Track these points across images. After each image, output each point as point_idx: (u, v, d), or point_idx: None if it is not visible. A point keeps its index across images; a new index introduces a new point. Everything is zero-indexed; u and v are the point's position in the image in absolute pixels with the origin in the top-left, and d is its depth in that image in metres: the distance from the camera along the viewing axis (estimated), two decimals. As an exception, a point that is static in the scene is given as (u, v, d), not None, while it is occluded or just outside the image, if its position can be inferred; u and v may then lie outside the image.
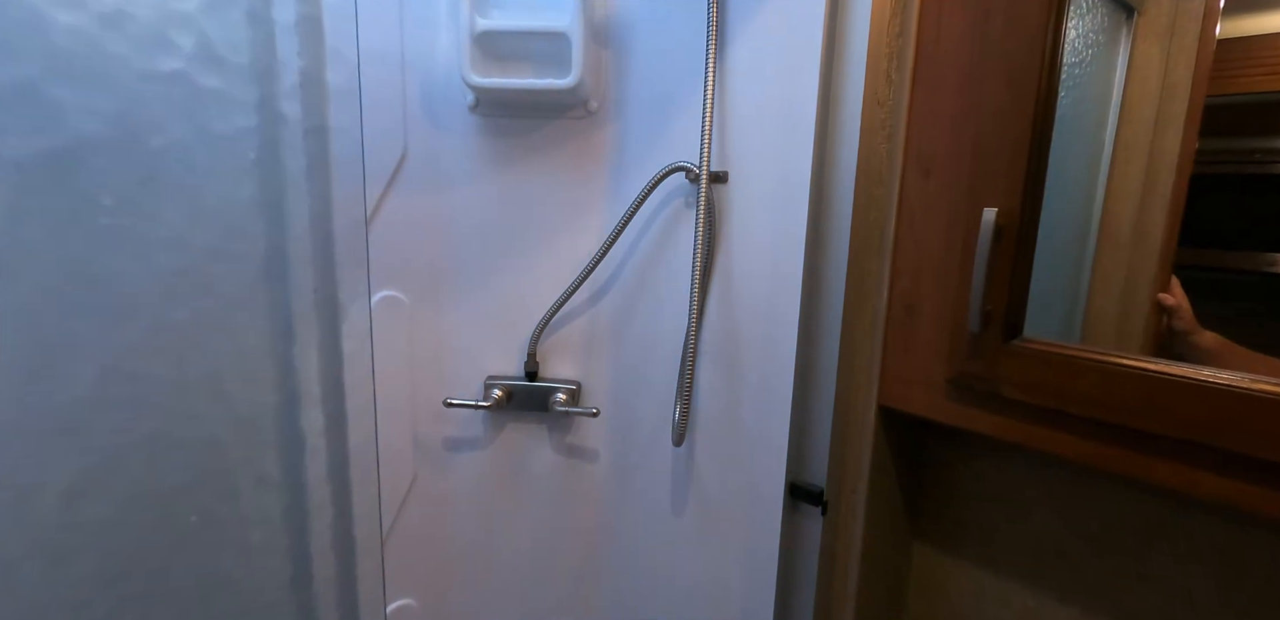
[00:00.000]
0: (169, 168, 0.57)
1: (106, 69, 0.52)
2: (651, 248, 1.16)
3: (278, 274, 0.63)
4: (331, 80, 0.64)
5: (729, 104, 1.02)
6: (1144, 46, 0.80)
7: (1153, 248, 0.81)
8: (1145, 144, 0.81)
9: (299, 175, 0.64)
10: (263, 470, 0.66)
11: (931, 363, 0.86)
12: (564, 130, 1.17)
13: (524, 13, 1.11)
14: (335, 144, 0.64)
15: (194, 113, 0.57)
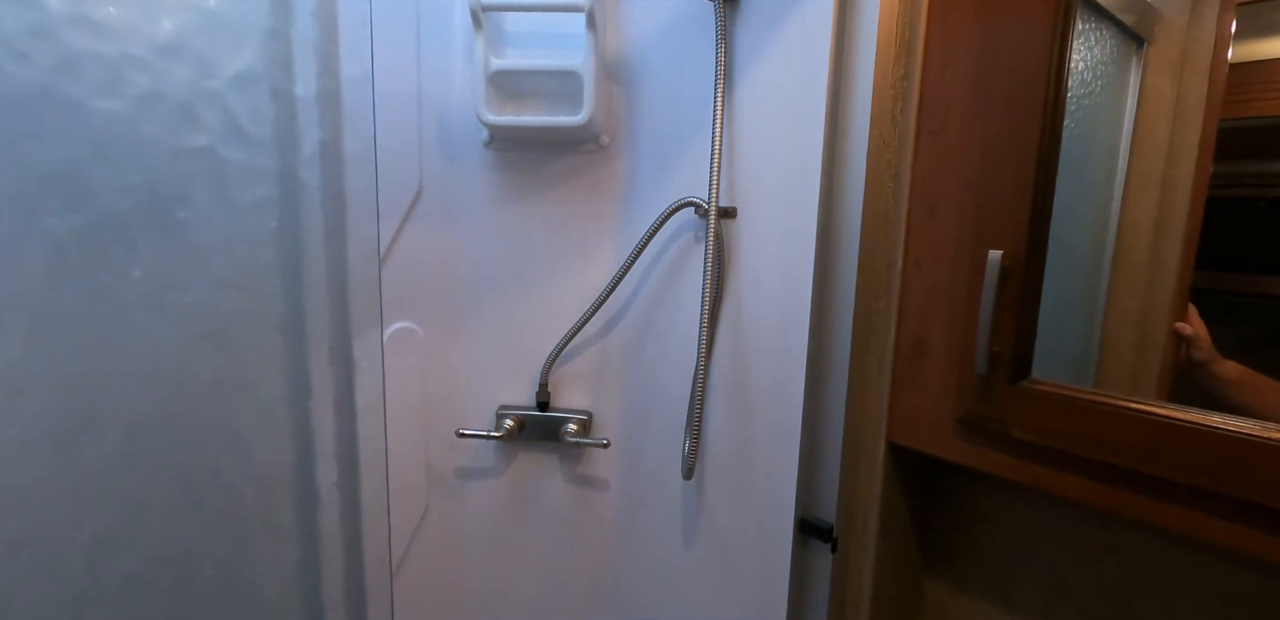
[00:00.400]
0: (196, 239, 0.59)
1: (139, 148, 0.55)
2: (661, 281, 1.16)
3: (295, 332, 0.65)
4: (349, 148, 0.67)
5: (737, 140, 1.03)
6: (1155, 76, 0.80)
7: (1168, 276, 0.80)
8: (1158, 172, 0.80)
9: (317, 240, 0.66)
10: (278, 522, 0.67)
11: (940, 401, 0.86)
12: (576, 164, 1.19)
13: (536, 52, 1.13)
14: (351, 207, 0.66)
15: (219, 185, 0.59)
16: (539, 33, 1.13)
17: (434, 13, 1.13)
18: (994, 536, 0.98)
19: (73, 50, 0.51)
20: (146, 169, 0.56)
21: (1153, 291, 0.81)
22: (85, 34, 0.52)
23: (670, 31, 1.09)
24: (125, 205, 0.55)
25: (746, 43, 1.00)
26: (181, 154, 0.57)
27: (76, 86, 0.51)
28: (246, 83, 0.60)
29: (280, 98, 0.63)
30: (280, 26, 0.63)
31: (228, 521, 0.64)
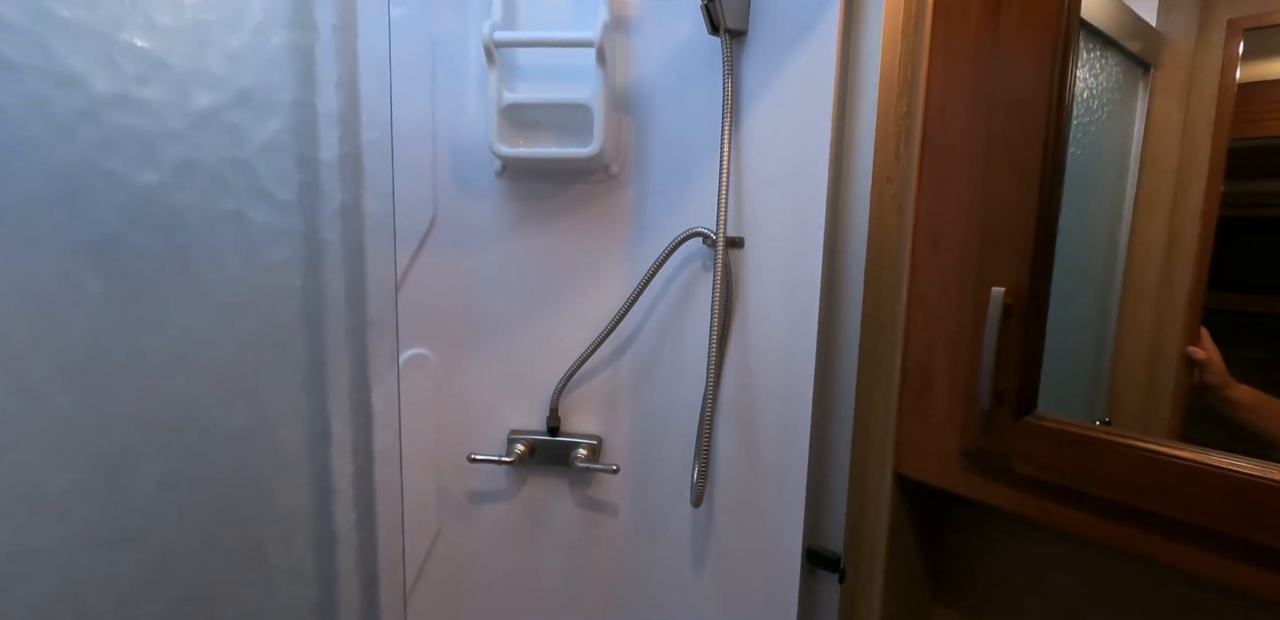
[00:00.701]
0: (225, 297, 0.62)
1: (174, 214, 0.58)
2: (670, 309, 1.17)
3: (316, 384, 0.68)
4: (368, 207, 0.70)
5: (744, 172, 1.05)
6: (1162, 100, 0.80)
7: (1180, 299, 0.80)
8: (1168, 195, 0.80)
9: (338, 294, 0.69)
10: (298, 564, 0.69)
11: (946, 433, 0.86)
12: (586, 193, 1.21)
13: (548, 85, 1.16)
14: (370, 260, 0.69)
15: (248, 246, 0.62)
16: (550, 66, 1.15)
17: (449, 48, 1.16)
18: (1004, 568, 0.97)
19: (115, 127, 0.54)
20: (180, 233, 0.59)
21: (1164, 314, 0.81)
22: (127, 112, 0.55)
23: (678, 65, 1.11)
24: (160, 267, 0.58)
25: (753, 77, 1.01)
26: (213, 218, 0.60)
27: (117, 160, 0.54)
28: (274, 150, 0.64)
29: (305, 163, 0.66)
30: (306, 97, 0.66)
31: (250, 565, 0.66)
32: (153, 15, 0.56)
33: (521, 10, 1.15)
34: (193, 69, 0.59)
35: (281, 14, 0.64)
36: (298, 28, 0.65)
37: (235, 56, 0.61)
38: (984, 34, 0.78)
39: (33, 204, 0.51)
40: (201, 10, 0.60)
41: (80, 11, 0.52)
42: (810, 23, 0.92)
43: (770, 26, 0.98)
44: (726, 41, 1.00)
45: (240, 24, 0.62)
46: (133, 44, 0.56)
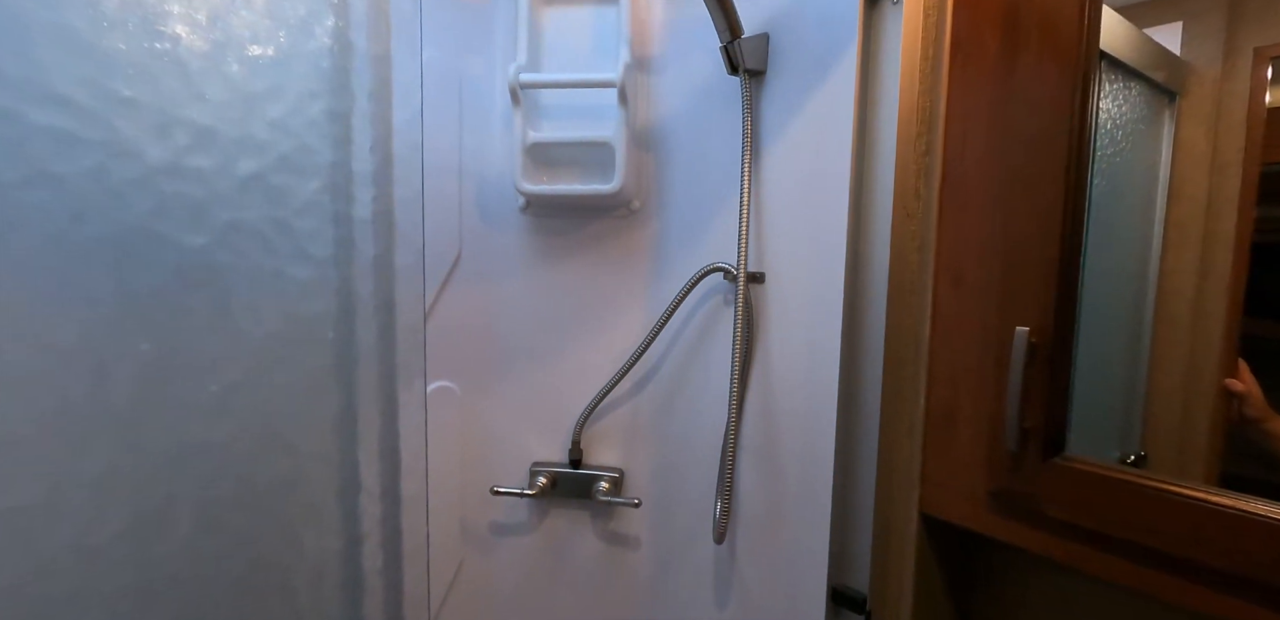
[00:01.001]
0: (264, 351, 0.65)
1: (220, 273, 0.61)
2: (691, 342, 1.17)
3: (348, 433, 0.70)
4: (399, 261, 0.74)
5: (764, 208, 1.05)
6: (1189, 128, 0.79)
7: (1215, 330, 0.77)
8: (1199, 223, 0.78)
9: (369, 346, 0.72)
10: (325, 609, 0.70)
11: (972, 472, 0.84)
12: (608, 228, 1.22)
13: (571, 124, 1.18)
14: (400, 313, 0.72)
15: (286, 302, 0.65)
16: (573, 105, 1.18)
17: (476, 89, 1.19)
18: (1032, 610, 0.94)
19: (166, 194, 0.57)
20: (224, 290, 0.61)
21: (1199, 345, 0.79)
22: (177, 179, 0.58)
23: (698, 103, 1.13)
24: (204, 324, 0.60)
25: (772, 115, 1.02)
26: (255, 276, 0.63)
27: (168, 224, 0.57)
28: (312, 210, 0.67)
29: (340, 220, 0.70)
30: (342, 159, 0.70)
31: (280, 610, 0.67)
32: (205, 90, 0.60)
33: (546, 52, 1.18)
34: (239, 136, 0.62)
35: (322, 83, 0.67)
36: (336, 95, 0.69)
37: (278, 124, 0.65)
38: (1002, 71, 0.78)
39: (89, 267, 0.54)
40: (249, 82, 0.64)
41: (140, 90, 0.56)
42: (828, 62, 0.93)
43: (789, 66, 0.99)
44: (746, 81, 1.02)
45: (283, 93, 0.65)
46: (185, 117, 0.59)
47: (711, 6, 0.98)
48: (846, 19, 0.90)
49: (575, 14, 1.16)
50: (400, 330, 0.74)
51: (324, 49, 0.65)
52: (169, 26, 0.56)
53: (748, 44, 0.99)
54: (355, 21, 0.67)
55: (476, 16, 1.18)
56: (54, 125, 0.50)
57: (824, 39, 0.93)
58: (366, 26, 0.68)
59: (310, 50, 0.64)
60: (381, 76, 0.71)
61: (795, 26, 0.97)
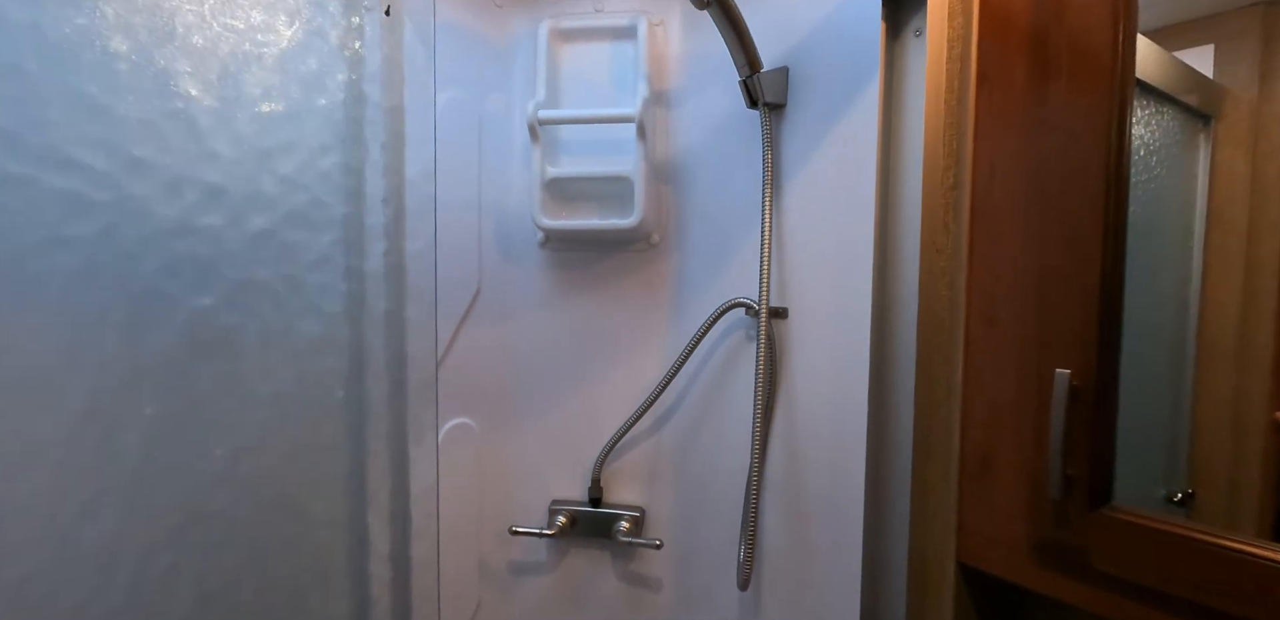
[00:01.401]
0: (272, 412, 0.62)
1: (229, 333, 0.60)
2: (713, 379, 1.13)
3: (358, 494, 0.67)
4: (410, 315, 0.71)
5: (787, 242, 1.02)
6: (1226, 152, 0.75)
7: (1262, 359, 0.72)
8: (1240, 248, 0.74)
9: (380, 403, 0.69)
10: None
11: (1013, 522, 0.78)
12: (628, 262, 1.19)
13: (590, 159, 1.16)
14: (412, 367, 0.70)
15: (295, 357, 0.63)
16: (592, 140, 1.16)
17: (495, 126, 1.18)
18: (1083, 668, 0.87)
19: (176, 253, 0.56)
20: (232, 351, 0.59)
21: (1246, 376, 0.74)
22: (187, 238, 0.56)
23: (717, 137, 1.10)
24: (211, 386, 0.58)
25: (793, 148, 1.00)
26: (264, 333, 0.61)
27: (177, 285, 0.56)
28: (323, 265, 0.65)
29: (352, 275, 0.68)
30: (355, 213, 0.68)
31: None
32: (216, 147, 0.59)
33: (564, 88, 1.17)
34: (249, 193, 0.61)
35: (335, 136, 0.66)
36: (349, 148, 0.68)
37: (289, 179, 0.63)
38: (1032, 101, 0.74)
39: (97, 328, 0.52)
40: (260, 138, 0.63)
41: (151, 150, 0.55)
42: (850, 95, 0.90)
43: (809, 99, 0.97)
44: (765, 115, 0.99)
45: (295, 148, 0.64)
46: (196, 175, 0.58)
47: (730, 41, 0.96)
48: (868, 52, 0.87)
49: (593, 50, 1.15)
50: (412, 386, 0.71)
51: (336, 102, 0.63)
52: (180, 86, 0.55)
53: (767, 78, 0.97)
54: (369, 74, 0.66)
55: (495, 55, 1.17)
56: (67, 188, 0.49)
57: (845, 72, 0.91)
58: (380, 78, 0.67)
59: (322, 104, 0.63)
60: (394, 128, 0.69)
61: (816, 60, 0.95)
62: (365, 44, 0.65)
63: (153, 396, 0.55)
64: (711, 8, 0.92)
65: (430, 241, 0.71)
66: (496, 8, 1.16)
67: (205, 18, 0.55)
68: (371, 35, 0.65)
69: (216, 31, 0.55)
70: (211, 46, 0.56)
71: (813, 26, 0.94)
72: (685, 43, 1.13)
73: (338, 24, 0.62)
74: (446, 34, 1.11)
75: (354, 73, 0.65)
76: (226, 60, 0.58)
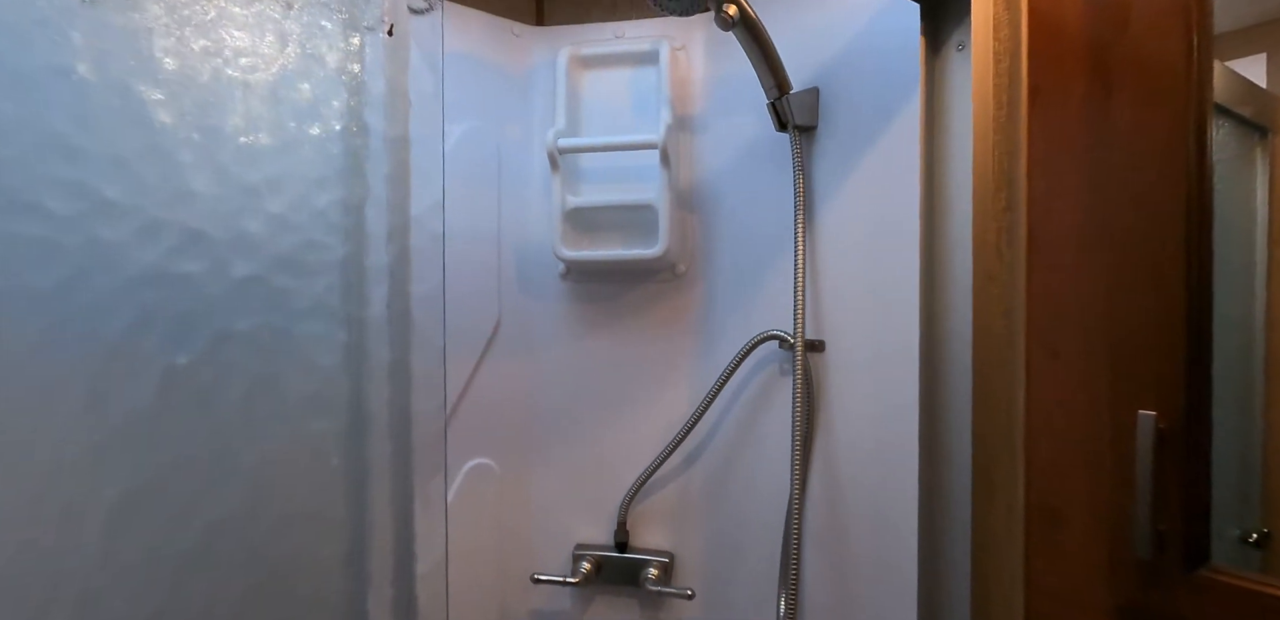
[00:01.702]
0: (258, 482, 0.55)
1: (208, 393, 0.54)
2: (745, 416, 1.05)
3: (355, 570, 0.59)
4: (417, 366, 0.63)
5: (821, 271, 0.94)
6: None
7: None
8: None
9: (383, 468, 0.61)
10: None
11: (1092, 582, 0.69)
12: (652, 293, 1.13)
13: (611, 187, 1.10)
14: (418, 429, 0.62)
15: (284, 419, 0.56)
16: (613, 168, 1.11)
17: (513, 156, 1.13)
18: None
19: (149, 304, 0.49)
20: (212, 413, 0.52)
21: None
22: (162, 287, 0.50)
23: (744, 162, 1.04)
24: (189, 454, 0.51)
25: (826, 172, 0.93)
26: (249, 393, 0.54)
27: (152, 339, 0.49)
28: (317, 313, 0.58)
29: (350, 323, 0.60)
30: (353, 254, 0.61)
31: None
32: (193, 185, 0.52)
33: (584, 115, 1.12)
34: (233, 235, 0.54)
35: (331, 169, 0.59)
36: (348, 182, 0.61)
37: (279, 218, 0.56)
38: (1092, 119, 0.67)
39: (61, 391, 0.45)
40: (245, 173, 0.55)
41: (123, 189, 0.48)
42: (887, 114, 0.84)
43: (842, 121, 0.90)
44: (795, 137, 0.93)
45: (286, 183, 0.57)
46: (172, 217, 0.51)
47: (758, 63, 0.90)
48: (906, 69, 0.81)
49: (614, 76, 1.10)
50: (418, 446, 0.63)
51: (334, 132, 0.56)
52: (154, 116, 0.48)
53: (797, 99, 0.91)
54: (370, 101, 0.59)
55: (513, 84, 1.13)
56: (31, 233, 0.43)
57: (881, 91, 0.84)
58: (383, 106, 0.60)
59: (317, 134, 0.55)
60: (399, 160, 0.62)
61: (849, 79, 0.89)
62: (366, 68, 0.58)
63: (120, 470, 0.48)
64: (737, 29, 0.87)
65: (439, 283, 0.64)
66: (514, 37, 1.12)
67: (184, 41, 0.49)
68: (373, 59, 0.58)
69: (196, 55, 0.50)
70: (192, 73, 0.50)
71: (844, 44, 0.89)
72: (708, 67, 1.08)
73: (335, 46, 0.56)
74: (463, 65, 1.07)
75: (354, 99, 0.59)
76: (208, 87, 0.51)
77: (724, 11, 0.85)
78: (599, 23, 1.11)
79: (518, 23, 1.12)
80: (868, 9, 0.85)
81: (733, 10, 0.85)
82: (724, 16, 0.85)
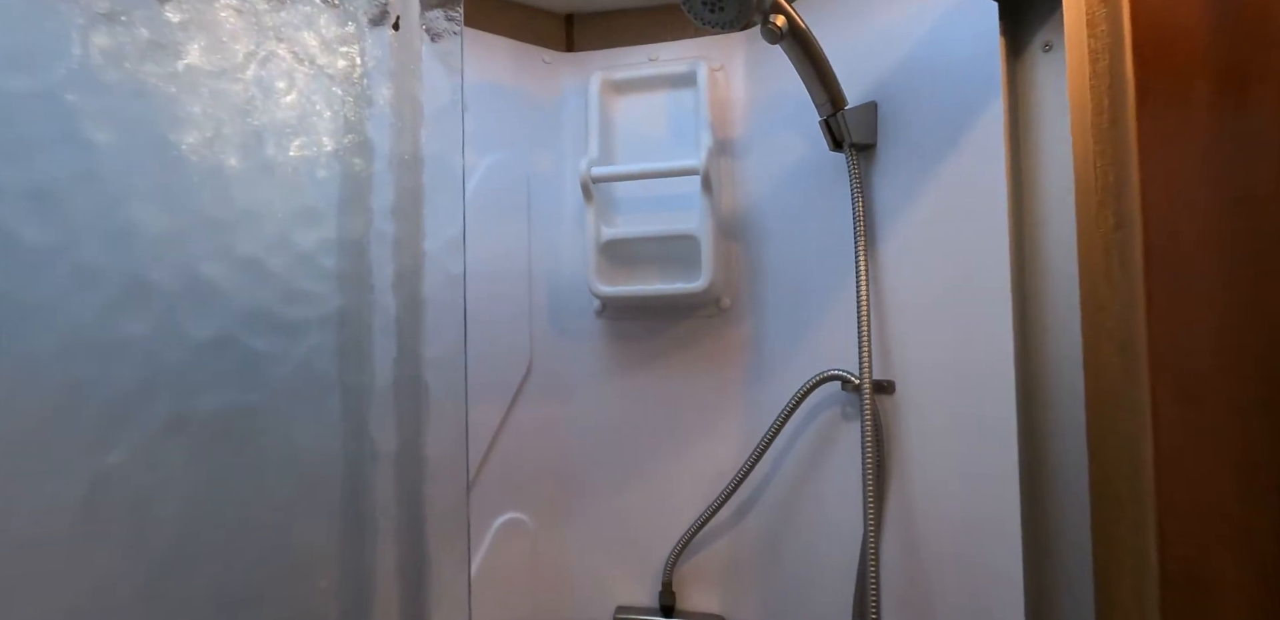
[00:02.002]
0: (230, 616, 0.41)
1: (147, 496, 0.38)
2: (803, 462, 0.93)
3: None
4: (431, 450, 0.47)
5: (887, 302, 0.83)
6: None
7: None
8: None
9: (390, 574, 0.46)
10: None
11: (1257, 672, 0.55)
12: (695, 330, 1.02)
13: (648, 218, 1.01)
14: (435, 541, 0.47)
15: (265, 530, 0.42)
16: (650, 197, 1.02)
17: (544, 187, 1.04)
18: None
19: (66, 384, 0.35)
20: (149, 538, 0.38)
21: None
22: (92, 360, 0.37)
23: (793, 186, 0.95)
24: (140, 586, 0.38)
25: (888, 193, 0.83)
26: (211, 503, 0.39)
27: (75, 431, 0.36)
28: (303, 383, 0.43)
29: (347, 396, 0.46)
30: (350, 307, 0.46)
31: None
32: (137, 220, 0.38)
33: (618, 142, 1.03)
34: (190, 286, 0.39)
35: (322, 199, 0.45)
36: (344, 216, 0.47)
37: (252, 262, 0.42)
38: (1222, 118, 0.57)
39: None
40: (205, 204, 0.40)
41: (40, 229, 0.35)
42: (960, 127, 0.74)
43: (906, 136, 0.80)
44: (852, 156, 0.83)
45: (260, 218, 0.41)
46: (108, 262, 0.37)
47: (809, 78, 0.81)
48: (981, 75, 0.71)
49: (648, 101, 1.02)
50: (437, 574, 0.47)
51: (323, 151, 0.44)
52: (86, 131, 0.36)
53: (853, 115, 0.82)
54: (373, 112, 0.46)
55: (543, 112, 1.05)
56: None
57: (951, 101, 0.75)
58: (389, 118, 0.47)
59: (304, 155, 0.42)
60: (409, 185, 0.48)
61: (912, 90, 0.79)
62: (367, 72, 0.46)
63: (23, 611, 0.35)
64: (786, 41, 0.78)
65: (458, 336, 0.49)
66: (544, 64, 1.05)
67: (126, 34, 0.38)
68: (376, 59, 0.46)
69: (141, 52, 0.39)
70: (128, 76, 0.38)
71: (905, 53, 0.79)
72: (750, 86, 0.99)
73: (327, 43, 0.44)
74: (491, 94, 1.00)
75: (350, 110, 0.46)
76: (158, 93, 0.39)
77: (771, 23, 0.77)
78: (631, 46, 1.03)
79: (547, 50, 1.05)
80: (932, 13, 0.76)
81: (781, 21, 0.77)
82: (771, 29, 0.77)
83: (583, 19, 1.07)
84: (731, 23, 0.78)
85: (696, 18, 0.78)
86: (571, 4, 1.04)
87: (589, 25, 1.06)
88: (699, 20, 0.79)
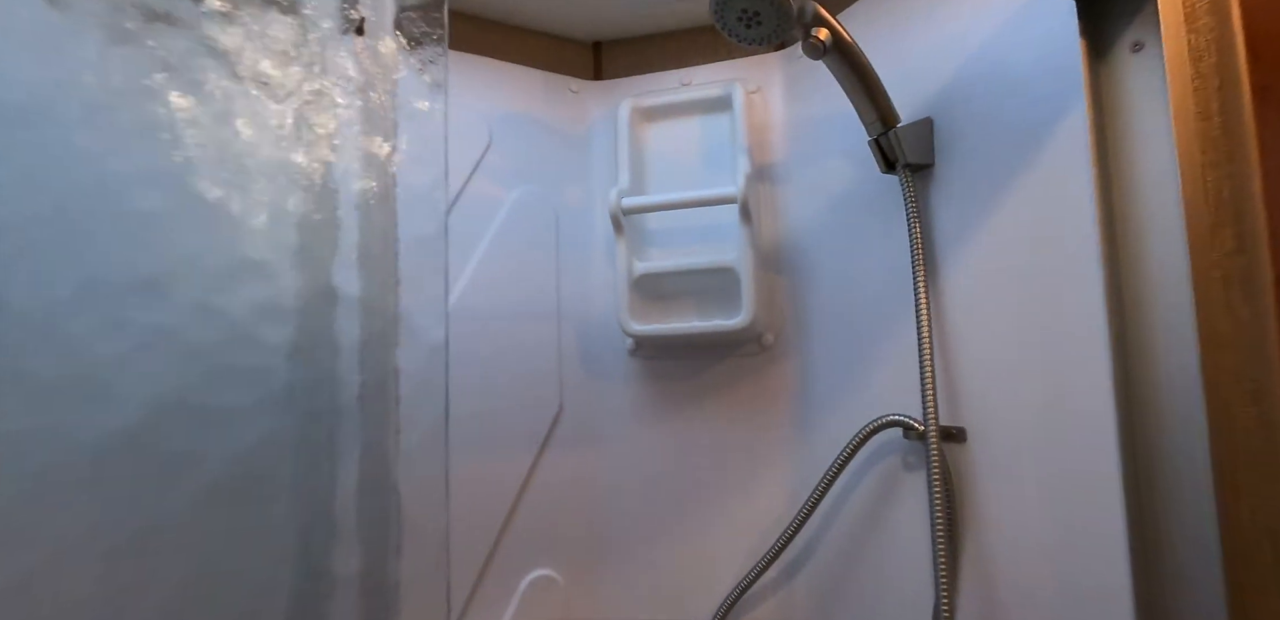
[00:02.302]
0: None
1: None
2: (861, 516, 0.82)
3: None
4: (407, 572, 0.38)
5: (951, 339, 0.73)
6: None
7: None
8: None
9: None
10: None
11: None
12: (735, 369, 0.93)
13: (683, 250, 0.93)
14: None
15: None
16: (685, 228, 0.94)
17: (572, 221, 0.97)
18: None
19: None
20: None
21: None
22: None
23: (840, 212, 0.86)
24: None
25: (949, 217, 0.73)
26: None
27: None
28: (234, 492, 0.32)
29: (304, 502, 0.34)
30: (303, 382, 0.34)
31: None
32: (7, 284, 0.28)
33: (650, 172, 0.96)
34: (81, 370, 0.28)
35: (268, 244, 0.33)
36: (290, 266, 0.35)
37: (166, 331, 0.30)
38: (1368, 122, 0.46)
39: None
40: (100, 261, 0.30)
41: None
42: (1034, 140, 0.65)
43: (968, 154, 0.71)
44: (906, 178, 0.74)
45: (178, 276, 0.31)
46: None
47: (856, 95, 0.73)
48: (1056, 81, 0.62)
49: (681, 127, 0.95)
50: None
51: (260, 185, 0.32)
52: None
53: (906, 133, 0.73)
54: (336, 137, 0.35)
55: (571, 143, 0.99)
56: None
57: (1018, 113, 0.65)
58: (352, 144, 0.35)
59: (228, 194, 0.33)
60: (378, 226, 0.36)
61: (973, 104, 0.70)
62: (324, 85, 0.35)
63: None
64: (829, 56, 0.71)
65: (440, 417, 0.38)
66: (571, 93, 0.99)
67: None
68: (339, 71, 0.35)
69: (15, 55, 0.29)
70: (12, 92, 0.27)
71: (963, 62, 0.71)
72: (790, 107, 0.91)
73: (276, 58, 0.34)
74: (517, 125, 0.94)
75: (302, 131, 0.35)
76: (41, 113, 0.28)
77: (813, 37, 0.69)
78: (661, 72, 0.97)
79: (575, 78, 0.99)
80: (994, 17, 0.68)
81: (824, 34, 0.69)
82: (814, 43, 0.69)
83: (611, 46, 1.01)
84: (769, 38, 0.70)
85: (732, 35, 0.71)
86: (599, 31, 0.99)
87: (617, 52, 1.00)
88: (734, 37, 0.71)
